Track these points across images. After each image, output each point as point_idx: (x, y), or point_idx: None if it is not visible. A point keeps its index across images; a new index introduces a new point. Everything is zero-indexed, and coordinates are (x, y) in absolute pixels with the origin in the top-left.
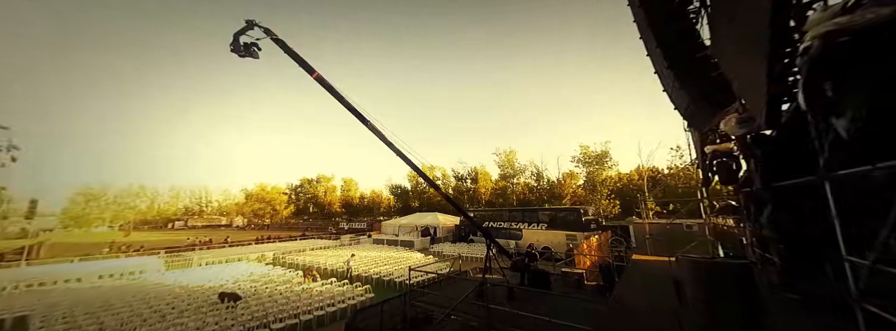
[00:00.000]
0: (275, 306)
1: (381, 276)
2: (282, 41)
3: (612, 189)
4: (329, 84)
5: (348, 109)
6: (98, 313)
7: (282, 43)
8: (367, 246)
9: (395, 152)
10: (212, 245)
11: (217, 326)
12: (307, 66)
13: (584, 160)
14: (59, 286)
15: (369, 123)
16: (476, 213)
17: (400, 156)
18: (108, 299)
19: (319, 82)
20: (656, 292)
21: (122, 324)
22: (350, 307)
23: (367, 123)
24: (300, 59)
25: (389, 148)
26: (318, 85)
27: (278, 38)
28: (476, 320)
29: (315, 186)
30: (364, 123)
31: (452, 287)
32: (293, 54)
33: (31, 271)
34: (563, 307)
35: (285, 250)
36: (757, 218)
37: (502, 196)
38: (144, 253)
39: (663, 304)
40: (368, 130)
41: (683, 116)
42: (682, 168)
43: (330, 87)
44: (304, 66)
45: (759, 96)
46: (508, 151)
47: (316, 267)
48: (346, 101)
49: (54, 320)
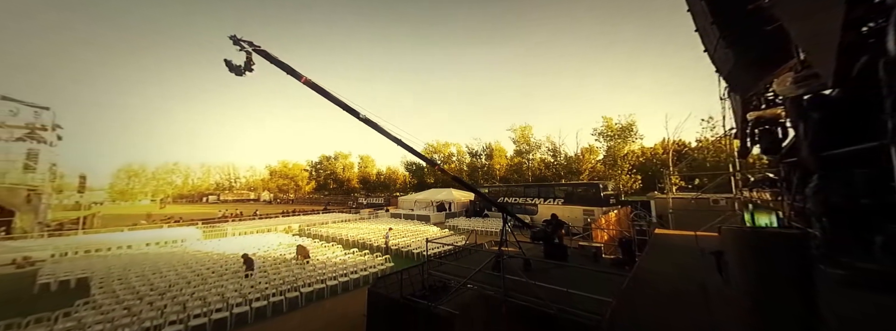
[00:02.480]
0: (303, 273)
1: (399, 247)
2: (264, 51)
3: (633, 164)
4: (319, 86)
5: (341, 107)
6: (148, 275)
7: (265, 53)
8: (386, 220)
9: (395, 141)
10: (243, 218)
11: (252, 289)
12: (295, 72)
13: (605, 134)
14: (113, 252)
15: (361, 115)
16: (490, 189)
17: (400, 145)
18: (156, 264)
19: (309, 86)
20: (681, 265)
21: (170, 286)
22: (371, 275)
23: (358, 116)
24: (287, 67)
25: (388, 138)
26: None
27: (261, 50)
28: (492, 290)
29: (333, 163)
30: (356, 116)
31: (468, 259)
32: (278, 63)
33: (87, 238)
34: (580, 279)
35: (310, 222)
36: (800, 190)
37: (518, 172)
38: (183, 224)
39: (688, 276)
40: (363, 123)
41: (726, 78)
42: (712, 140)
43: (320, 88)
44: (292, 72)
45: (829, 49)
46: (523, 126)
47: (340, 238)
48: (338, 100)
49: (111, 281)
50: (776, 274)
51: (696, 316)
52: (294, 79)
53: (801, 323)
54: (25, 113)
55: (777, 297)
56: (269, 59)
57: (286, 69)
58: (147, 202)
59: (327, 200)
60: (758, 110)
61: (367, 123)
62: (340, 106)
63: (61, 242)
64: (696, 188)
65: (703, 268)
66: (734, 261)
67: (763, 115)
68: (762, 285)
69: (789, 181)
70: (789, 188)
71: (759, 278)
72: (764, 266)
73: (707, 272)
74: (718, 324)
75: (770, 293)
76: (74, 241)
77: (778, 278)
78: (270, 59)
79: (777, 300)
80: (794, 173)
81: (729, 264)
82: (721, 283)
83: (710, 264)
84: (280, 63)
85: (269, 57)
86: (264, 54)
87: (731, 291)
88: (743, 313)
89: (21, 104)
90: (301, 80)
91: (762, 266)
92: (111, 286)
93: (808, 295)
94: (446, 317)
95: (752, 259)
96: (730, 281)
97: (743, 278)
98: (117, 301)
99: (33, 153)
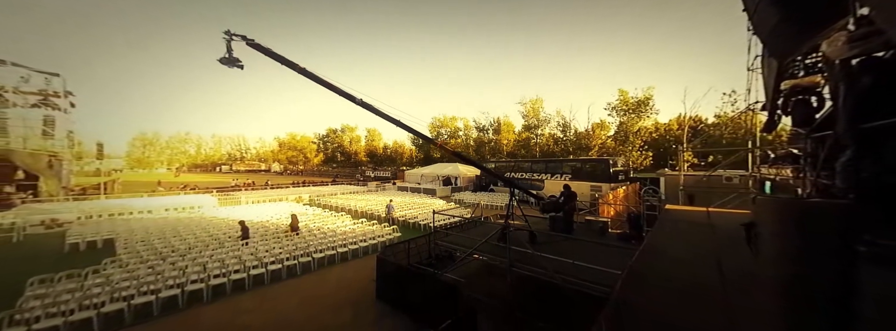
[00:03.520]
0: (314, 240)
1: (406, 218)
2: (259, 45)
3: (646, 140)
4: (315, 75)
5: (338, 92)
6: (168, 238)
7: (259, 47)
8: (393, 192)
9: (393, 122)
10: (255, 187)
11: (267, 253)
12: (291, 63)
13: (619, 108)
14: (135, 216)
15: (357, 99)
16: (496, 164)
17: (399, 125)
18: (176, 228)
19: (305, 75)
20: (693, 240)
21: (190, 248)
22: (379, 244)
23: (354, 100)
24: (283, 59)
25: (387, 120)
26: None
27: (256, 44)
28: (497, 260)
29: (340, 136)
30: (353, 100)
31: (473, 231)
32: (275, 55)
33: (110, 203)
34: (585, 252)
35: (319, 193)
36: (827, 165)
37: (525, 147)
38: (199, 192)
39: (701, 250)
40: (360, 106)
41: (765, 40)
42: (732, 116)
43: (316, 77)
44: (289, 64)
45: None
46: (534, 100)
47: (349, 208)
48: (334, 87)
49: (134, 242)
50: (815, 247)
51: (711, 289)
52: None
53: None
54: (36, 80)
55: (813, 270)
56: (265, 52)
57: (283, 61)
58: (163, 171)
59: (335, 173)
60: (794, 78)
61: (364, 105)
62: (337, 92)
63: (86, 205)
64: (708, 166)
65: (718, 243)
66: (768, 233)
67: (800, 83)
68: (796, 259)
69: (815, 157)
70: (814, 164)
71: (794, 251)
72: (802, 239)
73: (722, 247)
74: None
75: (805, 267)
76: (98, 205)
77: (817, 251)
78: (266, 51)
79: (812, 274)
80: (821, 149)
81: (760, 237)
82: (741, 256)
83: (726, 239)
84: (276, 55)
85: (263, 50)
86: (259, 48)
87: (757, 264)
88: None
89: (31, 71)
90: (297, 70)
91: (800, 239)
92: (135, 247)
93: (846, 270)
94: (452, 284)
95: (791, 231)
96: (759, 254)
97: (776, 251)
98: (141, 261)
99: (50, 120)
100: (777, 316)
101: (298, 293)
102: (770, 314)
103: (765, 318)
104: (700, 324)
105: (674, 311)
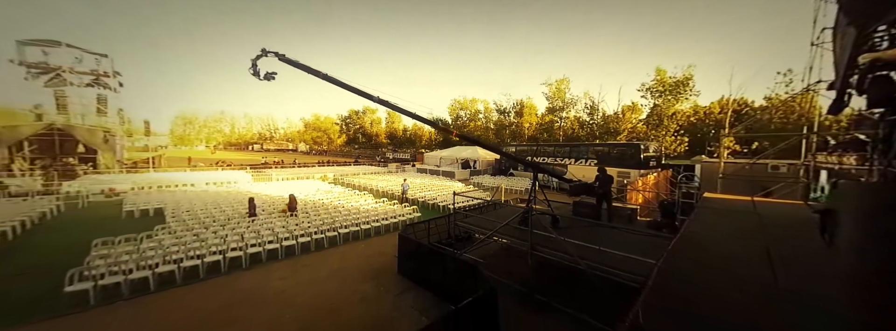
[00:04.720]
0: (339, 216)
1: (426, 199)
2: (288, 59)
3: (682, 124)
4: (336, 79)
5: (358, 93)
6: (210, 209)
7: (290, 61)
8: (413, 174)
9: (409, 115)
10: (284, 165)
11: (297, 227)
12: (315, 71)
13: (654, 89)
14: (180, 189)
15: (375, 97)
16: (517, 148)
17: (415, 117)
18: (216, 200)
19: (328, 80)
20: (738, 230)
21: (228, 219)
22: (400, 223)
23: (373, 98)
24: (309, 69)
25: (404, 114)
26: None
27: (287, 59)
28: (518, 243)
29: (362, 118)
30: (371, 99)
31: (494, 213)
32: (302, 66)
33: (158, 176)
34: (612, 239)
35: (343, 172)
36: None
37: (548, 131)
38: (234, 168)
39: (748, 241)
40: (378, 104)
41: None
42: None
43: (338, 81)
44: (313, 72)
45: None
46: (560, 80)
47: (371, 188)
48: (354, 88)
49: (180, 212)
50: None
51: (762, 282)
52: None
53: None
54: (88, 60)
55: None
56: (295, 64)
57: (311, 71)
58: (202, 148)
59: (357, 154)
60: (876, 50)
61: (382, 102)
62: (357, 92)
63: (138, 177)
64: (752, 154)
65: (768, 233)
66: (848, 221)
67: (882, 57)
68: (879, 249)
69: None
70: (886, 151)
71: (877, 240)
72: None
73: (773, 238)
74: (790, 295)
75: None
76: (148, 177)
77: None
78: (296, 64)
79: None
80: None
81: (838, 226)
82: (800, 248)
83: (777, 229)
84: (305, 67)
85: (292, 63)
86: (290, 62)
87: (829, 255)
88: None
89: (83, 51)
90: (319, 76)
91: (888, 227)
92: (181, 216)
93: None
94: (471, 264)
95: (879, 219)
96: (833, 244)
97: (857, 241)
98: (187, 228)
99: (102, 98)
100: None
101: (327, 265)
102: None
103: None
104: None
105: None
